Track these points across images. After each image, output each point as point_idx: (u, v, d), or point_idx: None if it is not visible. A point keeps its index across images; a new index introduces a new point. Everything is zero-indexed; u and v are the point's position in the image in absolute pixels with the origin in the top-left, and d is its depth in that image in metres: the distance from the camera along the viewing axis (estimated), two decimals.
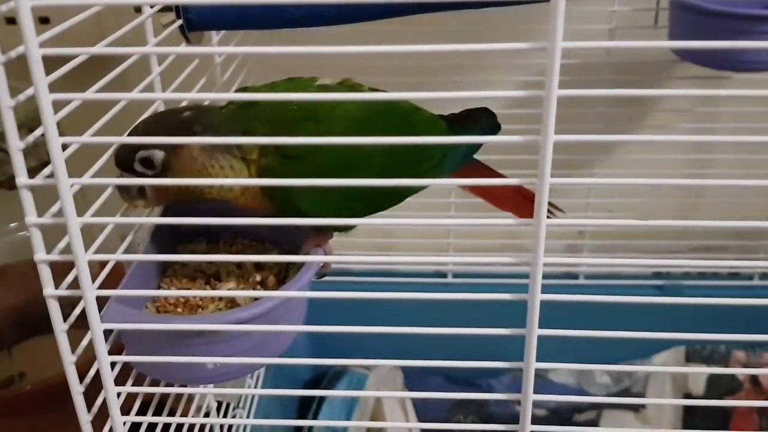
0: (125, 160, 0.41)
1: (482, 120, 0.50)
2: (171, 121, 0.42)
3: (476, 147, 0.50)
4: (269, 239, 0.51)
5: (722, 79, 0.80)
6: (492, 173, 0.53)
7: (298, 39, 0.56)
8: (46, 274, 0.35)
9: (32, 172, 0.34)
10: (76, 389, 0.38)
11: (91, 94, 0.34)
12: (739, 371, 0.37)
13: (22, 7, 0.30)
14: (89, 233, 0.36)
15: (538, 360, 0.35)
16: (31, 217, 0.34)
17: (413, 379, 0.90)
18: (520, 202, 0.53)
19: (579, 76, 0.74)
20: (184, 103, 0.47)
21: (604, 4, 0.78)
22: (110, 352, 0.38)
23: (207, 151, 0.41)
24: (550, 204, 0.53)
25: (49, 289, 0.35)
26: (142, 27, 0.49)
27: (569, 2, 0.28)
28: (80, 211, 0.35)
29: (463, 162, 0.50)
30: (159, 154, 0.40)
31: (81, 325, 0.38)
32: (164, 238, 0.48)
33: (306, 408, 0.82)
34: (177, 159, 0.41)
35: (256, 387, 0.70)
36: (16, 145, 0.32)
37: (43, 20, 0.69)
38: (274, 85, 0.46)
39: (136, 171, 0.41)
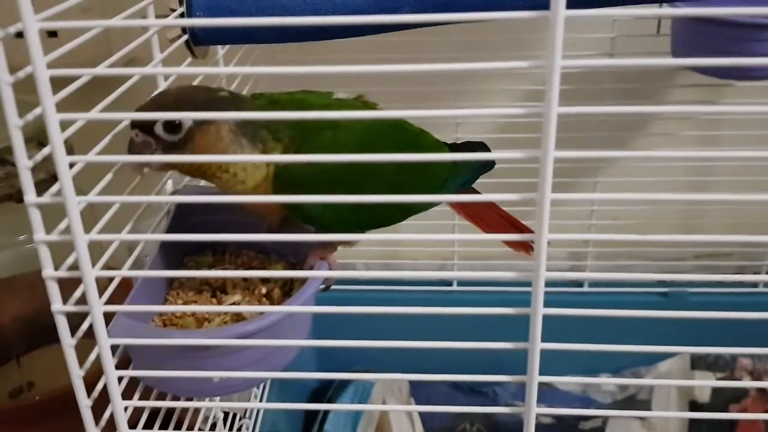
0: (147, 120, 0.39)
1: (479, 151, 0.51)
2: (207, 96, 0.42)
3: (474, 176, 0.51)
4: (274, 251, 0.51)
5: (724, 87, 0.80)
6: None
7: (302, 49, 0.56)
8: (53, 291, 0.35)
9: (41, 185, 0.34)
10: (84, 403, 0.38)
11: (99, 114, 0.34)
12: (747, 384, 0.37)
13: (30, 28, 0.30)
14: (97, 244, 0.36)
15: (544, 367, 0.35)
16: (40, 234, 0.34)
17: (419, 386, 0.90)
18: (510, 231, 0.54)
19: (580, 84, 0.74)
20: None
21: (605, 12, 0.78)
22: (118, 365, 0.38)
23: (235, 135, 0.41)
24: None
25: (57, 305, 0.36)
26: (148, 41, 0.50)
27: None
28: (88, 223, 0.35)
29: (461, 189, 0.52)
30: (189, 121, 0.40)
31: (89, 334, 0.39)
32: (171, 251, 0.49)
33: (312, 417, 0.82)
34: (203, 133, 0.41)
35: (262, 395, 0.70)
36: (24, 163, 0.33)
37: (51, 34, 0.69)
38: (292, 95, 0.46)
39: (154, 133, 0.40)
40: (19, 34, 0.31)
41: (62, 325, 0.36)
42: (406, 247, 0.93)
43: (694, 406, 0.86)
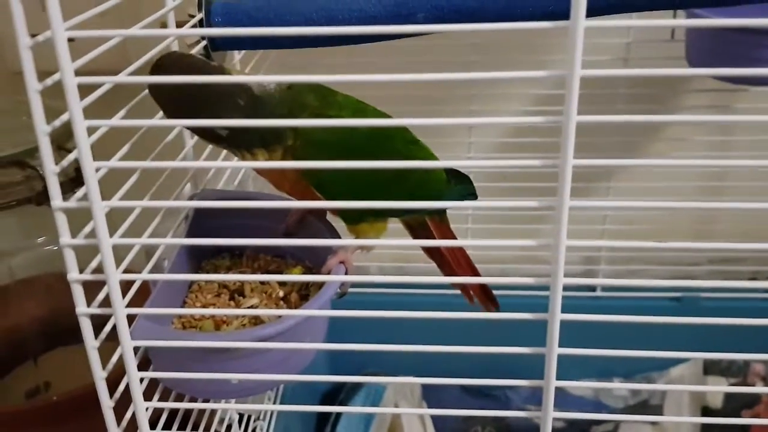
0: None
1: (464, 183, 0.53)
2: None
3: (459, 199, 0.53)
4: (291, 254, 0.52)
5: (739, 92, 0.80)
6: (452, 235, 0.55)
7: (316, 50, 0.57)
8: (78, 293, 0.36)
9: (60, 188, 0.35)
10: (107, 404, 0.39)
11: (125, 121, 0.35)
12: (760, 390, 0.37)
13: (59, 36, 0.31)
14: (114, 249, 0.37)
15: (557, 371, 0.36)
16: (65, 238, 0.35)
17: (431, 389, 0.90)
18: (470, 272, 0.55)
19: (595, 89, 0.74)
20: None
21: (620, 18, 0.78)
22: (137, 367, 0.39)
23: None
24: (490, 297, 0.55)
25: (81, 307, 0.36)
26: (167, 47, 0.51)
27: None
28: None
29: (441, 213, 0.53)
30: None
31: (106, 337, 0.39)
32: (190, 254, 0.50)
33: (325, 419, 0.83)
34: None
35: (276, 399, 0.71)
36: (51, 168, 0.33)
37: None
38: (319, 87, 0.47)
39: None
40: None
41: (86, 327, 0.37)
42: (419, 250, 0.93)
43: (707, 411, 0.86)
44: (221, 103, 0.40)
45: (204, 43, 0.54)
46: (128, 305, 0.37)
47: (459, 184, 0.52)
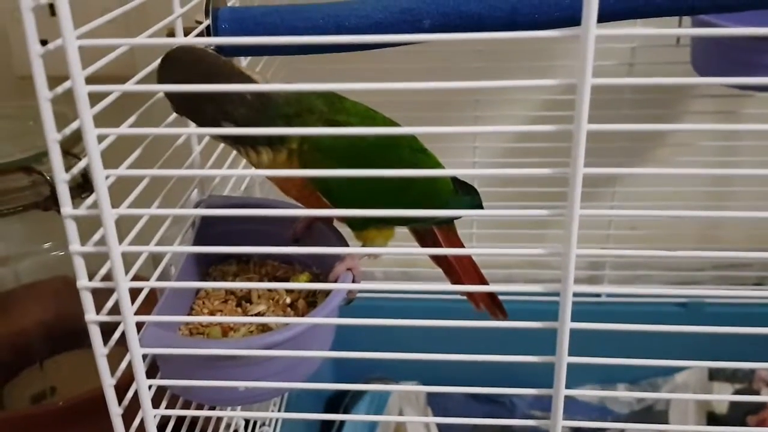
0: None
1: (471, 194, 0.53)
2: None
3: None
4: (298, 261, 0.52)
5: (744, 98, 0.80)
6: (459, 243, 0.55)
7: (323, 59, 0.57)
8: (87, 301, 0.36)
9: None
10: (115, 411, 0.39)
11: (134, 129, 0.35)
12: (765, 399, 0.37)
13: (70, 46, 0.31)
14: (122, 256, 0.37)
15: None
16: (75, 245, 0.35)
17: (436, 394, 0.90)
18: (478, 280, 0.55)
19: (600, 95, 0.74)
20: None
21: (626, 24, 0.78)
22: (146, 374, 0.39)
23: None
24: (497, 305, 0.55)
25: (90, 315, 0.36)
26: None
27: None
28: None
29: (449, 222, 0.53)
30: None
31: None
32: (197, 260, 0.50)
33: (330, 423, 0.83)
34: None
35: (281, 403, 0.71)
36: (61, 177, 0.33)
37: None
38: (327, 91, 0.46)
39: None
40: (43, 42, 0.32)
41: (95, 335, 0.37)
42: (425, 256, 0.93)
43: (712, 416, 0.85)
44: (228, 97, 0.41)
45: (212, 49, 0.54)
46: (136, 312, 0.37)
47: (466, 195, 0.52)
